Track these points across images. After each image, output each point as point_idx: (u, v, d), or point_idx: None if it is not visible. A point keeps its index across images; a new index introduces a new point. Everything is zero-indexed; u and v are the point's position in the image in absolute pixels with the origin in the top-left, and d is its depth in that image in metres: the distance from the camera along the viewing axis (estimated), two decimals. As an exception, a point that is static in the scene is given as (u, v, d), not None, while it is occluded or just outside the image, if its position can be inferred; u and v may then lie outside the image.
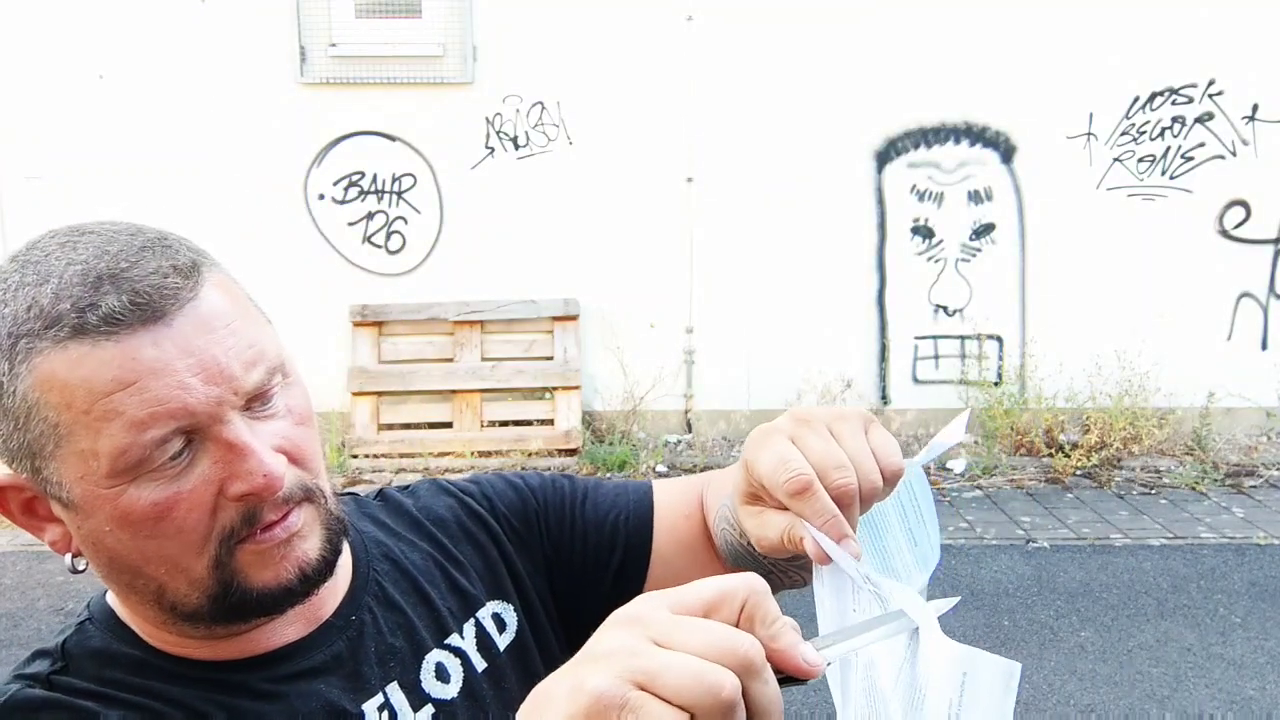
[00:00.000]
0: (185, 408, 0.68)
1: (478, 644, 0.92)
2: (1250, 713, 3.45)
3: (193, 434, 0.70)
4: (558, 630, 0.99)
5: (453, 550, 0.96)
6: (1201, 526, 5.21)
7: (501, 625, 0.94)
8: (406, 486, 1.03)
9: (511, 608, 0.96)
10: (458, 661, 0.90)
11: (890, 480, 0.69)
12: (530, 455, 6.30)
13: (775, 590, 0.93)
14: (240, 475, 0.70)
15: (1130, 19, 6.35)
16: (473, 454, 6.28)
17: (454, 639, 0.91)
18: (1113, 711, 3.48)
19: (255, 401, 0.73)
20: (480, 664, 0.91)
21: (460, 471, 6.10)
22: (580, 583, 1.00)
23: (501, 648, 0.93)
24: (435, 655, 0.89)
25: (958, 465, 6.17)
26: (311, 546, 0.76)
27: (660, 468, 6.24)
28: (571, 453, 6.35)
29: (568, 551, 1.00)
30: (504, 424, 6.50)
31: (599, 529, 1.00)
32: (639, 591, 0.96)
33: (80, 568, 0.77)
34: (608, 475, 6.11)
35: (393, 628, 0.88)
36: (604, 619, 0.53)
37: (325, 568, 0.78)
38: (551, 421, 6.44)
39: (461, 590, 0.94)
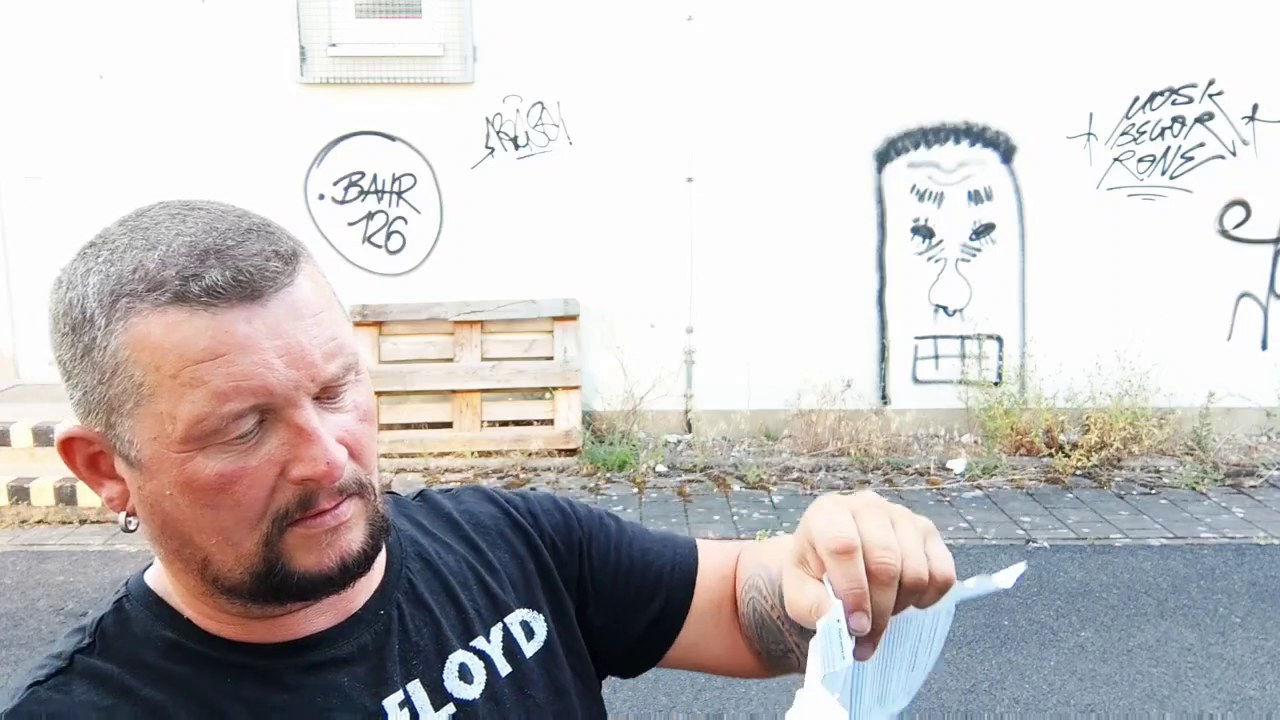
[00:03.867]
0: (266, 386, 0.70)
1: (503, 648, 0.92)
2: (1250, 713, 3.45)
3: (266, 413, 0.72)
4: (586, 653, 1.00)
5: (488, 555, 0.97)
6: (1201, 526, 5.21)
7: (530, 633, 0.95)
8: (449, 489, 1.04)
9: (542, 618, 0.96)
10: (481, 664, 0.90)
11: (938, 587, 0.71)
12: (530, 455, 6.30)
13: (787, 671, 0.97)
14: (304, 459, 0.72)
15: (1130, 19, 6.35)
16: (473, 454, 6.28)
17: (479, 641, 0.92)
18: (1113, 711, 3.48)
19: (327, 392, 0.75)
20: (504, 668, 0.91)
21: (460, 471, 6.10)
22: (613, 621, 1.01)
23: (528, 655, 0.93)
24: (459, 656, 0.90)
25: (958, 465, 6.17)
26: (355, 539, 0.78)
27: (660, 468, 6.24)
28: (571, 453, 6.35)
29: (609, 587, 1.01)
30: (504, 424, 6.50)
31: (644, 573, 1.02)
32: (667, 645, 1.02)
33: (131, 527, 0.78)
34: (608, 475, 6.11)
35: (419, 626, 0.89)
36: (617, 666, 0.57)
37: (365, 561, 0.79)
38: (551, 421, 6.44)
39: (492, 594, 0.95)
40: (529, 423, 6.49)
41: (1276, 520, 5.28)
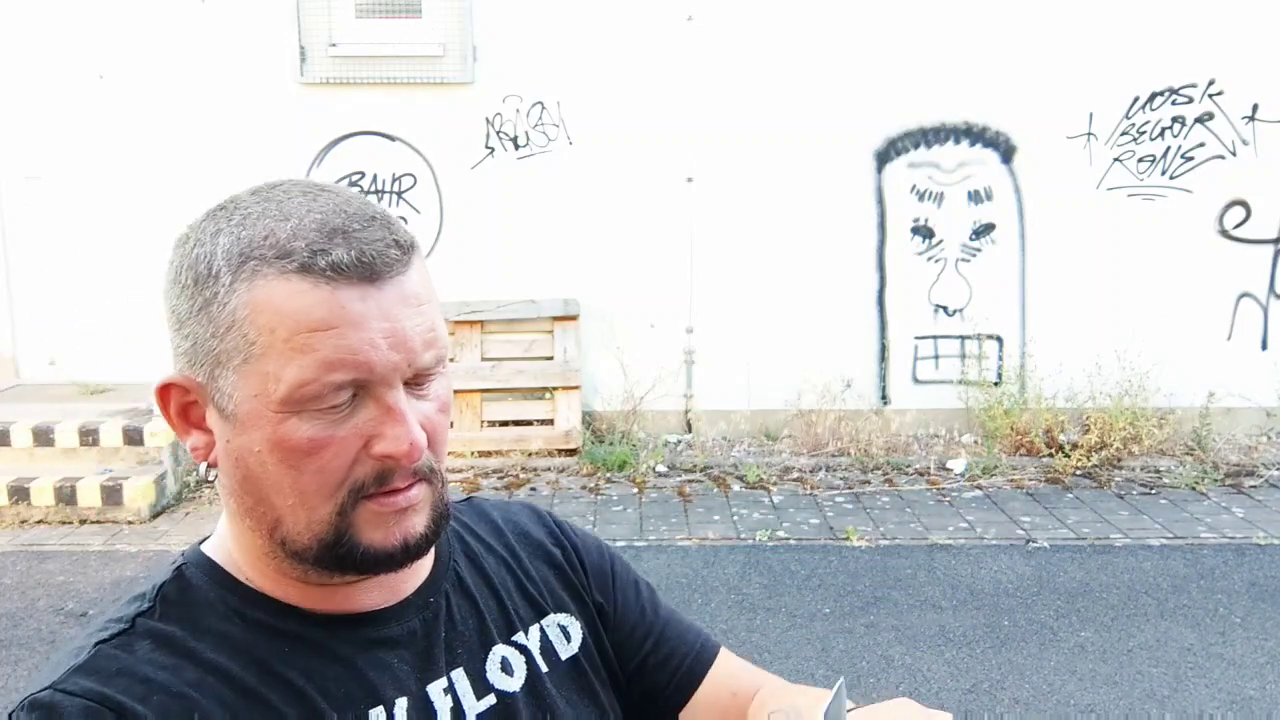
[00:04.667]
0: (369, 363, 0.74)
1: (541, 648, 0.95)
2: (1250, 713, 3.45)
3: (361, 388, 0.76)
4: (613, 666, 1.01)
5: (527, 562, 1.00)
6: (1201, 526, 5.21)
7: (566, 636, 0.98)
8: (501, 500, 1.08)
9: (579, 624, 0.99)
10: (522, 659, 0.93)
11: None
12: (530, 455, 6.31)
13: None
14: (389, 437, 0.76)
15: (1130, 19, 6.35)
16: (473, 454, 6.28)
17: (520, 637, 0.94)
18: (1113, 711, 3.48)
19: (418, 379, 0.79)
20: (543, 666, 0.94)
21: (460, 471, 6.10)
22: (618, 676, 1.02)
23: (563, 656, 0.96)
24: (501, 649, 0.92)
25: (958, 465, 6.17)
26: (420, 522, 0.81)
27: (660, 468, 6.24)
28: (571, 453, 6.35)
29: (621, 641, 1.02)
30: (504, 424, 6.50)
31: (656, 647, 1.03)
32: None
33: (211, 478, 0.82)
34: (608, 475, 6.11)
35: (464, 616, 0.92)
36: None
37: (425, 545, 0.82)
38: (551, 421, 6.44)
39: (530, 597, 0.98)
40: (529, 423, 6.49)
41: (1276, 520, 5.28)
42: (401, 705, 0.83)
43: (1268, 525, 5.20)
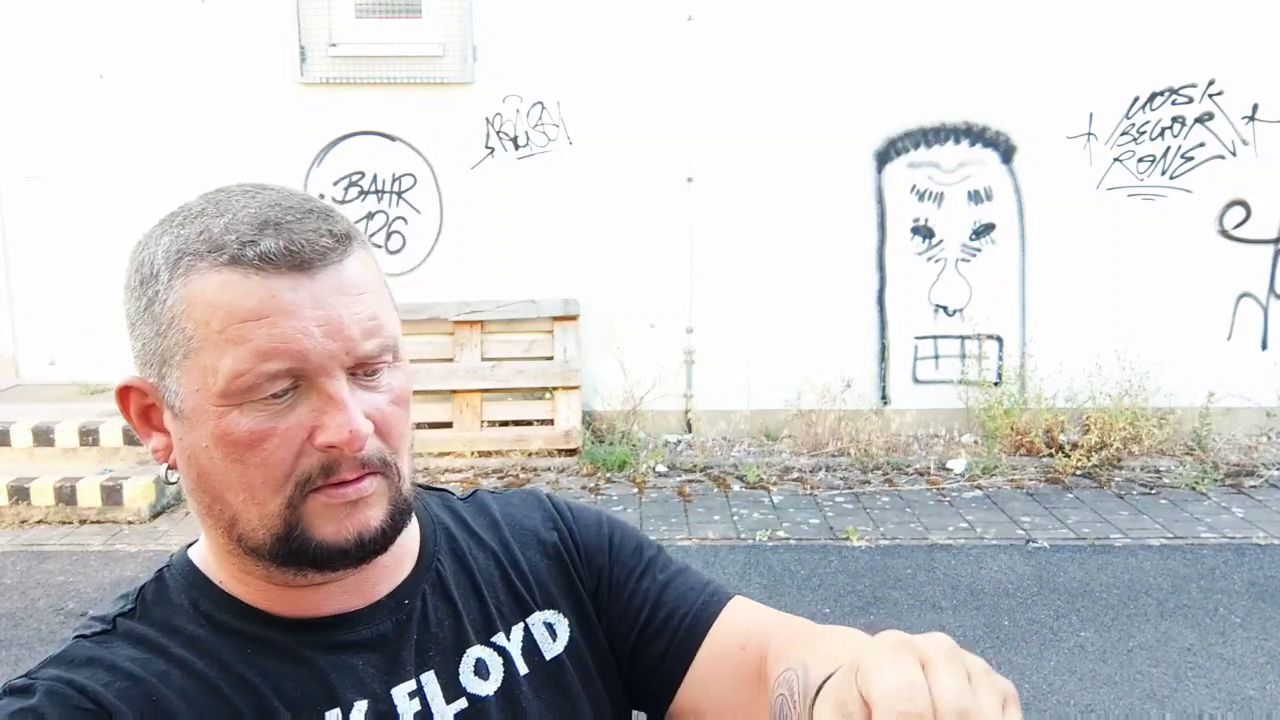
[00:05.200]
0: (303, 351, 0.75)
1: (523, 648, 0.93)
2: (1250, 713, 3.45)
3: (301, 379, 0.76)
4: (609, 658, 0.98)
5: (519, 555, 0.98)
6: (1201, 526, 5.21)
7: (553, 634, 0.95)
8: (503, 491, 1.06)
9: (566, 621, 0.96)
10: (500, 660, 0.91)
11: None
12: (530, 455, 6.30)
13: None
14: (329, 426, 0.76)
15: (1130, 19, 6.35)
16: (473, 454, 6.28)
17: (499, 638, 0.92)
18: (1113, 711, 3.48)
19: (362, 369, 0.79)
20: (523, 668, 0.92)
21: (460, 471, 6.10)
22: (617, 651, 0.98)
23: (548, 656, 0.94)
24: (477, 651, 0.91)
25: (958, 465, 6.17)
26: (375, 516, 0.80)
27: (660, 468, 6.24)
28: (571, 453, 6.35)
29: (618, 615, 0.98)
30: (504, 424, 6.50)
31: (654, 612, 0.97)
32: (667, 695, 0.95)
33: (172, 480, 0.83)
34: (608, 475, 6.11)
35: (440, 618, 0.90)
36: (631, 700, 0.52)
37: (383, 539, 0.81)
38: (551, 421, 6.44)
39: (517, 594, 0.96)
40: (529, 423, 6.49)
41: (1276, 520, 5.28)
42: (360, 708, 0.83)
43: (1268, 525, 5.20)
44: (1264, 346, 6.64)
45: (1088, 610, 4.26)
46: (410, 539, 0.92)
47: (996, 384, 6.59)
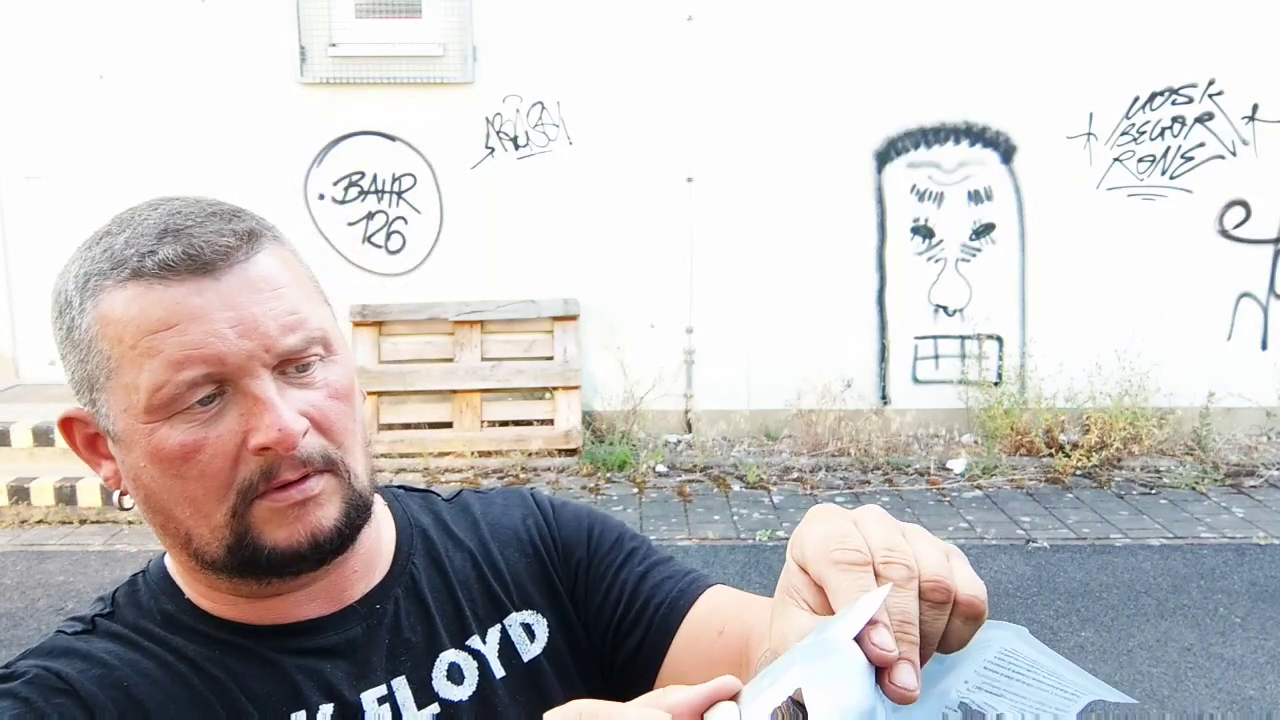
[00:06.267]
0: (218, 355, 0.73)
1: (500, 651, 0.91)
2: (1250, 713, 3.45)
3: (224, 384, 0.74)
4: (590, 656, 0.96)
5: (497, 555, 0.95)
6: (1201, 526, 5.21)
7: (530, 635, 0.93)
8: (487, 491, 1.04)
9: (545, 622, 0.94)
10: (475, 664, 0.89)
11: (965, 611, 0.56)
12: (530, 455, 6.30)
13: None
14: (259, 428, 0.74)
15: (1130, 19, 6.35)
16: (473, 454, 6.28)
17: (474, 641, 0.90)
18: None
19: (291, 366, 0.77)
20: (499, 671, 0.90)
21: (460, 471, 6.10)
22: (597, 645, 0.96)
23: (526, 658, 0.92)
24: (450, 655, 0.89)
25: (958, 465, 6.17)
26: (327, 516, 0.78)
27: (660, 468, 6.24)
28: (571, 453, 6.35)
29: (596, 608, 0.96)
30: (504, 424, 6.50)
31: (630, 603, 0.94)
32: (647, 685, 0.90)
33: (127, 505, 0.82)
34: (608, 475, 6.11)
35: (413, 623, 0.88)
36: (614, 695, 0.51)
37: (339, 539, 0.79)
38: (551, 421, 6.44)
39: (493, 596, 0.93)
40: (529, 423, 6.49)
41: (1276, 520, 5.28)
42: (326, 711, 0.81)
43: (1268, 525, 5.20)
44: (1264, 346, 6.64)
45: (1088, 610, 4.26)
46: (384, 544, 0.90)
47: (996, 384, 6.58)
